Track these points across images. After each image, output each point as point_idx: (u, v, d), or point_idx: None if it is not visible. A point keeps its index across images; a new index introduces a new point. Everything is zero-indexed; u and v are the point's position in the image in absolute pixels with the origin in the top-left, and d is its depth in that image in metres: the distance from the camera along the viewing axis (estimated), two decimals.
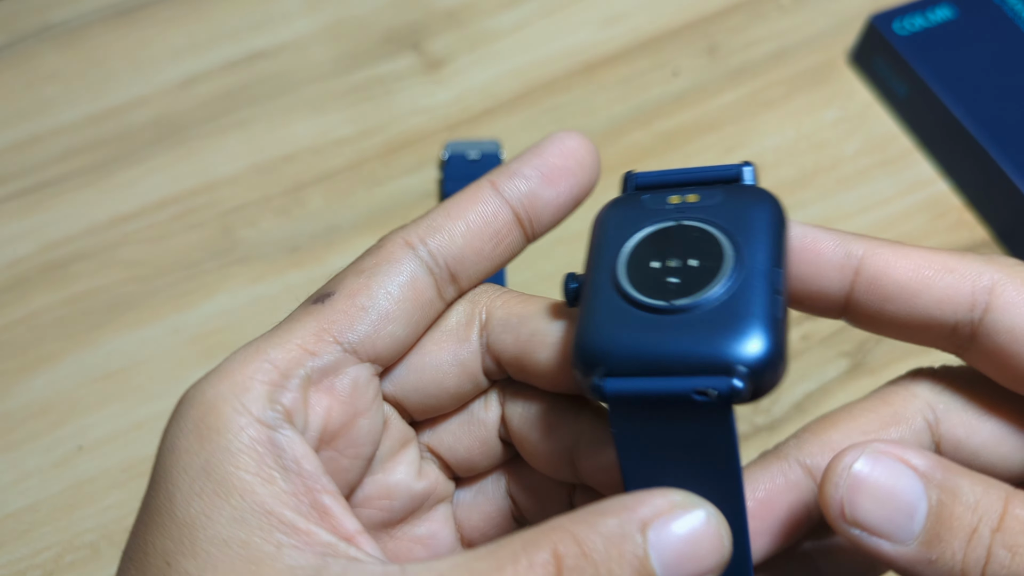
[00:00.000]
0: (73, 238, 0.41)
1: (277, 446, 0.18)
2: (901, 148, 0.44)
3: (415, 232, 0.22)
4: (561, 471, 0.22)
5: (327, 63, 0.46)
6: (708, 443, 0.18)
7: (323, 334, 0.20)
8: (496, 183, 0.22)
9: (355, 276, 0.21)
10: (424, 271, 0.21)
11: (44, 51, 0.46)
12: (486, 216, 0.22)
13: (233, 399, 0.19)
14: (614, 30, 0.47)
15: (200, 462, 0.18)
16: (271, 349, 0.19)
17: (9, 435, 0.36)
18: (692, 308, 0.18)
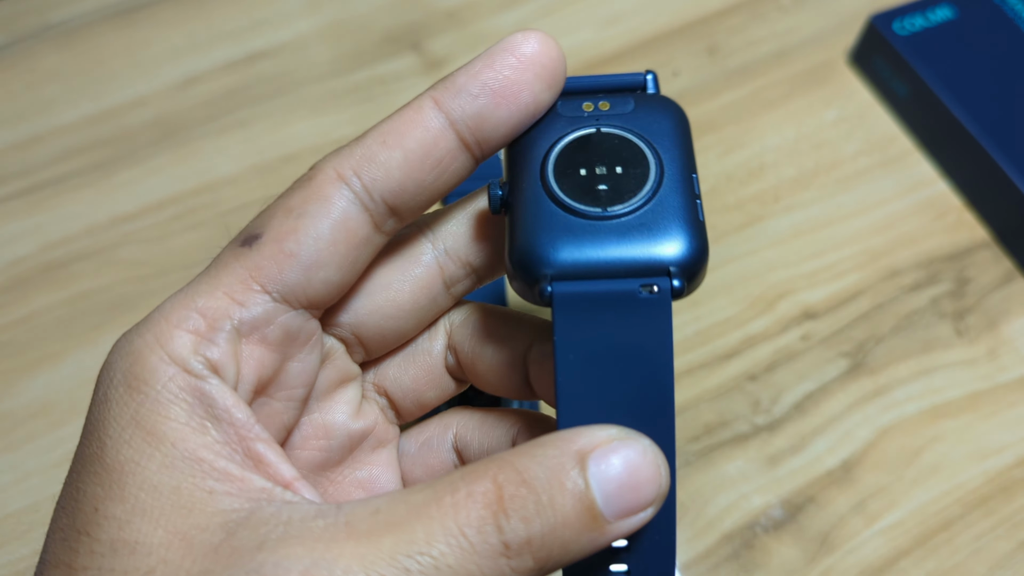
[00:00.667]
0: (73, 238, 0.41)
1: (206, 396, 0.18)
2: (901, 148, 0.44)
3: (348, 162, 0.19)
4: (512, 384, 0.22)
5: (327, 63, 0.46)
6: (647, 344, 0.19)
7: (250, 282, 0.19)
8: (439, 100, 0.19)
9: (283, 216, 0.19)
10: (358, 208, 0.19)
11: (44, 51, 0.46)
12: (426, 143, 0.19)
13: (159, 349, 0.18)
14: (614, 30, 0.47)
15: (130, 412, 0.18)
16: (198, 297, 0.19)
17: (9, 435, 0.36)
18: (625, 214, 0.19)
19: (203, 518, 0.17)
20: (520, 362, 0.22)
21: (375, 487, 0.23)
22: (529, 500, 0.16)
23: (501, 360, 0.22)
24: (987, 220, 0.41)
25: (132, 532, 0.17)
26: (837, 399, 0.37)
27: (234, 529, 0.17)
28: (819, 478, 0.35)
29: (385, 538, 0.16)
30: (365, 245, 0.20)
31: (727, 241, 0.41)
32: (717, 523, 0.34)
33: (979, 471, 0.36)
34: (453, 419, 0.24)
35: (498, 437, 0.23)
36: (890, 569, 0.34)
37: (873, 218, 0.42)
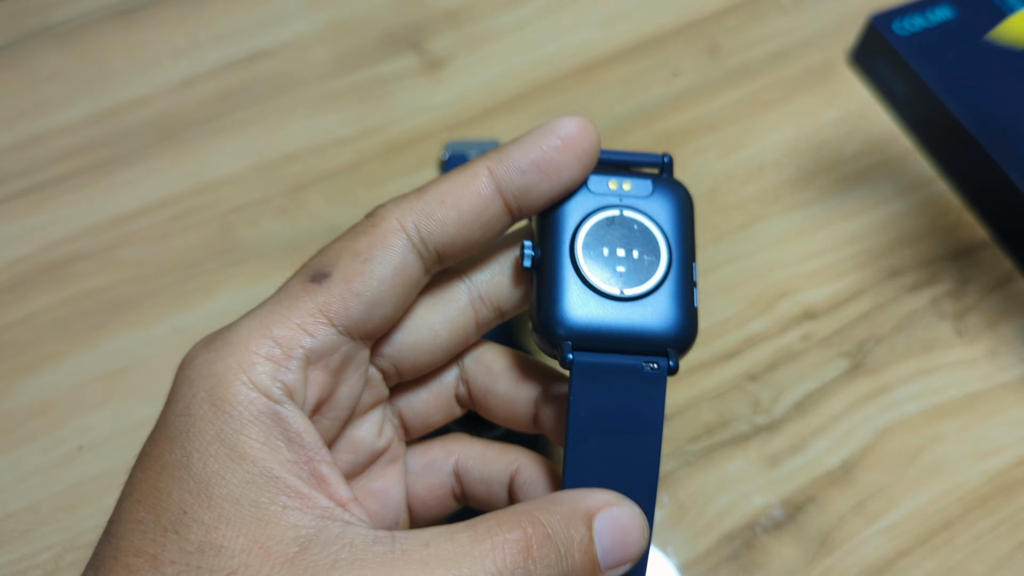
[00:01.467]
0: (73, 238, 0.41)
1: (281, 419, 0.20)
2: (901, 148, 0.44)
3: (409, 215, 0.22)
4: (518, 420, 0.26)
5: (327, 63, 0.46)
6: (644, 411, 0.23)
7: (320, 315, 0.21)
8: (493, 171, 0.22)
9: (351, 258, 0.22)
10: (414, 256, 0.22)
11: (44, 51, 0.46)
12: (479, 207, 0.22)
13: (241, 374, 0.20)
14: (614, 30, 0.47)
15: (214, 429, 0.20)
16: (274, 327, 0.21)
17: (9, 435, 0.36)
18: (637, 297, 0.23)
19: (278, 531, 0.19)
20: (528, 401, 0.25)
21: (386, 498, 0.26)
22: (551, 551, 0.20)
23: (511, 397, 0.25)
24: (987, 220, 0.41)
25: (218, 537, 0.19)
26: (837, 399, 0.37)
27: (306, 544, 0.19)
28: (819, 478, 0.35)
29: (437, 570, 0.19)
30: (416, 286, 0.23)
31: (727, 241, 0.41)
32: (717, 523, 0.34)
33: (979, 471, 0.36)
34: (456, 446, 0.27)
35: (498, 470, 0.26)
36: (890, 569, 0.34)
37: (873, 218, 0.42)
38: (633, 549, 0.21)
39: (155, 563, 0.19)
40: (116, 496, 0.34)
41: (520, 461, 0.26)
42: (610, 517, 0.21)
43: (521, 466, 0.26)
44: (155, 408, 0.36)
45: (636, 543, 0.21)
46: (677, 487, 0.35)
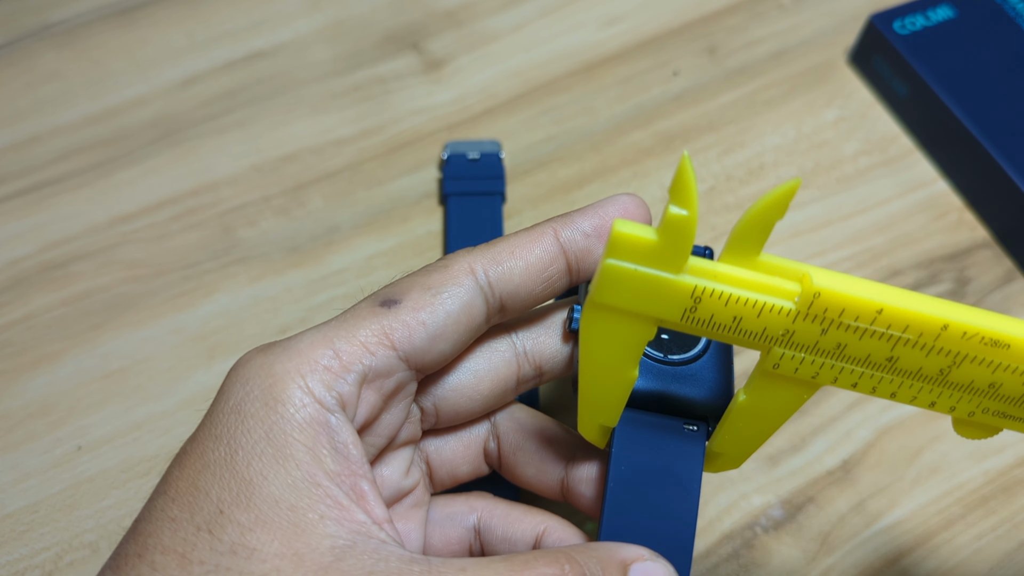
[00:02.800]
0: (73, 238, 0.41)
1: (331, 428, 0.20)
2: (901, 148, 0.44)
3: (480, 260, 0.23)
4: (545, 484, 0.26)
5: (327, 63, 0.46)
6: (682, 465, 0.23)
7: (384, 338, 0.22)
8: (559, 232, 0.24)
9: (421, 291, 0.22)
10: (481, 299, 0.23)
11: (43, 51, 0.46)
12: (544, 261, 0.23)
13: (299, 378, 0.20)
14: (614, 30, 0.47)
15: (264, 428, 0.20)
16: (337, 340, 0.21)
17: (9, 435, 0.36)
18: (680, 363, 0.24)
19: (313, 539, 0.19)
20: (558, 465, 0.26)
21: (405, 541, 0.26)
22: None
23: (542, 458, 0.26)
24: (987, 220, 0.41)
25: (252, 539, 0.19)
26: (837, 399, 0.37)
27: (341, 555, 0.19)
28: (819, 478, 0.35)
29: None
30: (476, 330, 0.24)
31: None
32: (717, 523, 0.34)
33: (979, 471, 0.35)
34: (480, 503, 0.27)
35: (523, 531, 0.26)
36: (890, 569, 0.33)
37: (873, 218, 0.42)
38: None
39: (183, 562, 0.19)
40: (116, 496, 0.34)
41: (548, 523, 0.26)
42: (644, 570, 0.21)
43: (549, 528, 0.26)
44: (155, 408, 0.36)
45: None
46: None
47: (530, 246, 0.23)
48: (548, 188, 0.42)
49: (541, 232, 0.24)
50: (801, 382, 0.21)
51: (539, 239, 0.24)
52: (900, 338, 0.19)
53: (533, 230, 0.24)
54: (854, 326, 0.19)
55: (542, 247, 0.23)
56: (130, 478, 0.35)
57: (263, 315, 0.39)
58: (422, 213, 0.41)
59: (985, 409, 0.21)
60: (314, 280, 0.40)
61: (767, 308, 0.19)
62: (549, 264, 0.24)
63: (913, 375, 0.20)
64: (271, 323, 0.38)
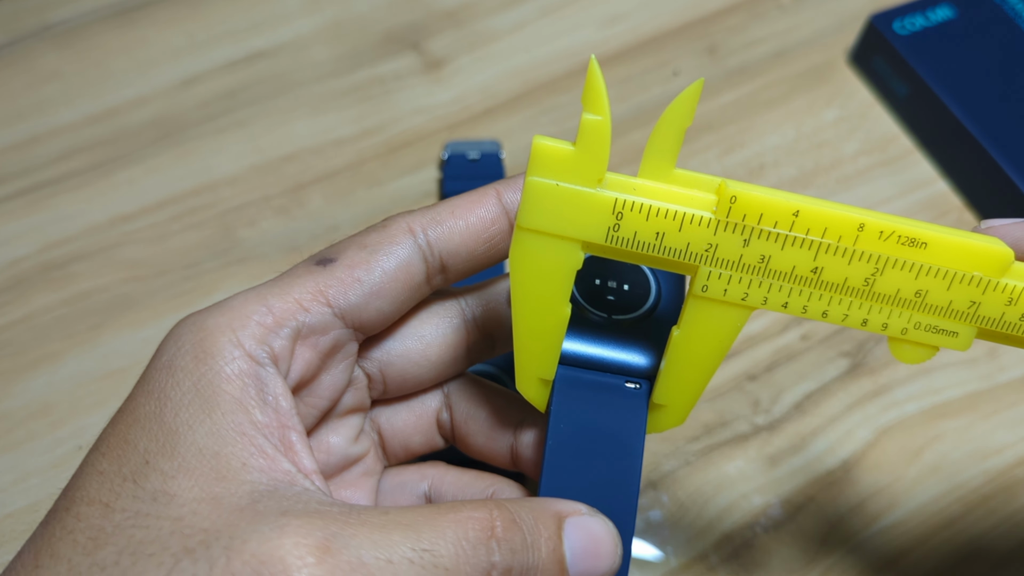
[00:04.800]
0: (73, 238, 0.41)
1: (261, 380, 0.21)
2: (901, 148, 0.44)
3: (419, 220, 0.23)
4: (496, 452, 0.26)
5: (327, 63, 0.46)
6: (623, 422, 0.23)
7: (319, 295, 0.22)
8: (501, 193, 0.24)
9: (357, 249, 0.23)
10: (419, 257, 0.23)
11: (43, 51, 0.46)
12: (485, 221, 0.23)
13: (230, 332, 0.21)
14: (614, 30, 0.47)
15: (192, 380, 0.20)
16: (271, 297, 0.22)
17: (9, 435, 0.36)
18: (623, 324, 0.24)
19: (233, 485, 0.19)
20: (506, 434, 0.26)
21: None
22: (516, 537, 0.20)
23: (492, 426, 0.26)
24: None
25: (173, 486, 0.19)
26: (837, 399, 0.37)
27: (258, 498, 0.19)
28: (819, 478, 0.35)
29: (395, 533, 0.19)
30: (416, 290, 0.23)
31: None
32: (717, 523, 0.34)
33: (979, 471, 0.35)
34: (431, 471, 0.27)
35: (473, 495, 0.26)
36: (890, 569, 0.33)
37: None
38: (604, 563, 0.21)
39: (106, 511, 0.19)
40: None
41: (496, 485, 0.26)
42: (582, 523, 0.21)
43: (497, 491, 0.26)
44: None
45: (608, 557, 0.21)
46: (677, 487, 0.35)
47: (471, 207, 0.23)
48: None
49: (483, 193, 0.24)
50: (732, 305, 0.21)
51: (481, 200, 0.23)
52: (821, 244, 0.19)
53: (475, 192, 0.24)
54: (774, 233, 0.19)
55: (484, 208, 0.23)
56: None
57: None
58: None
59: (917, 324, 0.21)
60: None
61: (688, 219, 0.19)
62: (491, 224, 0.23)
63: (840, 288, 0.20)
64: None
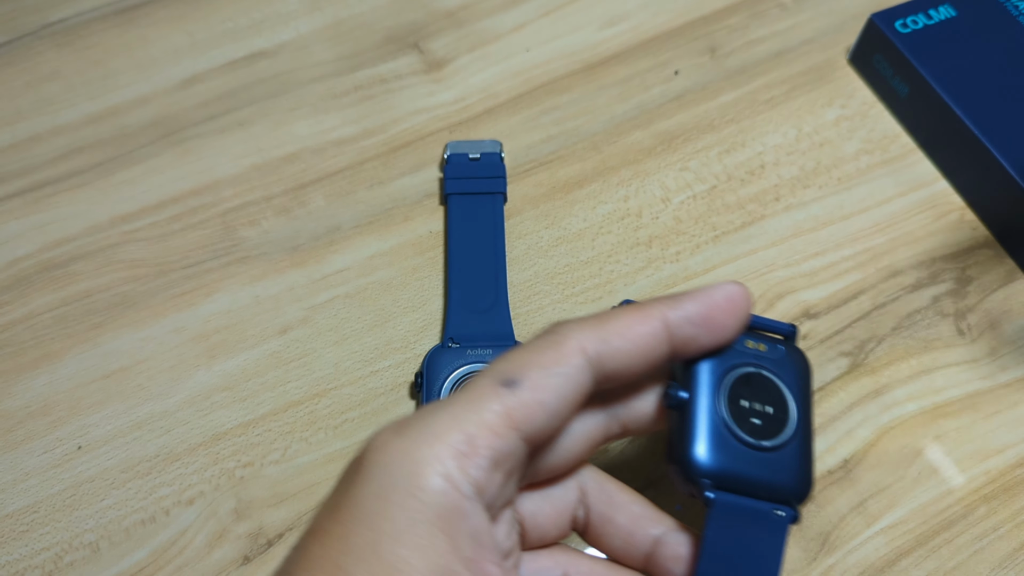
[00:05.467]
0: (73, 238, 0.41)
1: (467, 515, 0.21)
2: (902, 147, 0.44)
3: (590, 339, 0.24)
4: (631, 556, 0.27)
5: (327, 63, 0.46)
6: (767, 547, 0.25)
7: (508, 420, 0.22)
8: (668, 318, 0.25)
9: (539, 370, 0.23)
10: (590, 378, 0.24)
11: (43, 50, 0.46)
12: (651, 345, 0.24)
13: (439, 465, 0.21)
14: (614, 30, 0.47)
15: (408, 515, 0.21)
16: (467, 425, 0.22)
17: (9, 435, 0.36)
18: (770, 449, 0.25)
19: None
20: (646, 539, 0.26)
21: None
22: None
23: (631, 531, 0.27)
24: (988, 219, 0.41)
25: None
26: (838, 398, 0.37)
27: None
28: (819, 478, 0.35)
29: None
30: (581, 405, 0.25)
31: (727, 241, 0.41)
32: None
33: (980, 471, 0.35)
34: (564, 557, 0.27)
35: None
36: (891, 569, 0.33)
37: (874, 217, 0.42)
38: None
39: None
40: (116, 496, 0.34)
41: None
42: None
43: None
44: (155, 408, 0.36)
45: None
46: None
47: (640, 329, 0.24)
48: (548, 188, 0.42)
49: (649, 315, 0.24)
50: None
51: (647, 321, 0.24)
52: None
53: (643, 311, 0.25)
54: None
55: (650, 330, 0.24)
56: (130, 478, 0.35)
57: (264, 315, 0.39)
58: (423, 213, 0.41)
59: None
60: (315, 280, 0.40)
61: None
62: (655, 348, 0.24)
63: None
64: (272, 323, 0.38)
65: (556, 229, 0.41)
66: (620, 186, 0.42)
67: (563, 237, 0.41)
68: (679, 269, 0.40)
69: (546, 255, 0.40)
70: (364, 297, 0.39)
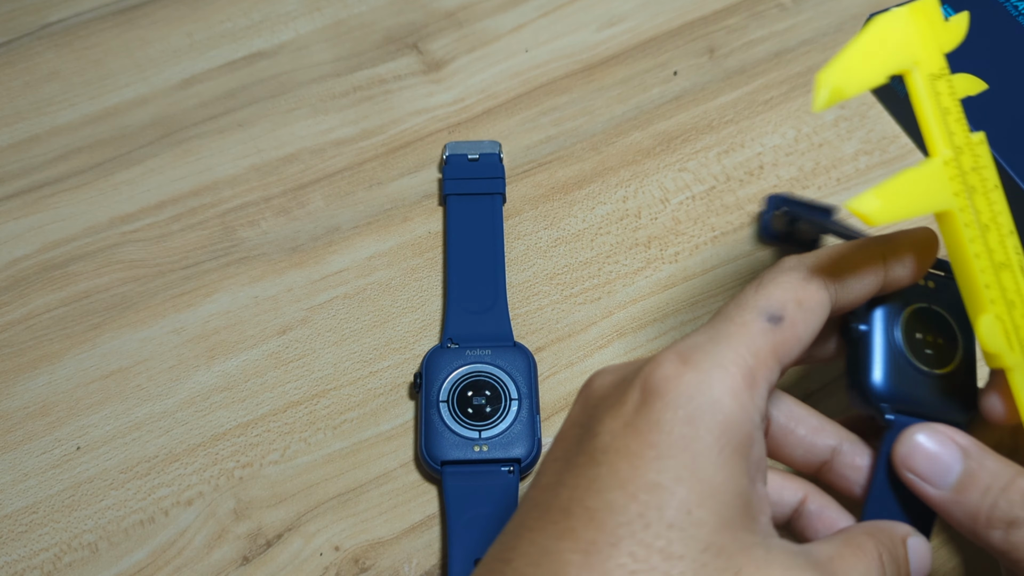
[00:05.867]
0: (73, 238, 0.41)
1: (756, 443, 0.23)
2: (901, 148, 0.44)
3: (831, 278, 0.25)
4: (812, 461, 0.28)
5: (327, 63, 0.46)
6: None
7: (775, 353, 0.24)
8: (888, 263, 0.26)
9: (797, 307, 0.24)
10: (828, 315, 0.25)
11: (42, 50, 0.46)
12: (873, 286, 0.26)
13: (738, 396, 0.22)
14: (613, 30, 0.47)
15: (717, 442, 0.22)
16: (748, 358, 0.23)
17: (8, 435, 0.36)
18: (941, 376, 0.27)
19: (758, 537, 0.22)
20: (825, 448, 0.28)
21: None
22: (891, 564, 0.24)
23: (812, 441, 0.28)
24: None
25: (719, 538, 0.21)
26: (837, 399, 0.37)
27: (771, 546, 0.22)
28: None
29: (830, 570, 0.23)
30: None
31: (727, 241, 0.41)
32: None
33: None
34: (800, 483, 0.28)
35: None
36: None
37: None
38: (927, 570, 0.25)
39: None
40: (115, 496, 0.34)
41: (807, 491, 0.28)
42: (915, 543, 0.25)
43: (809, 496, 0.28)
44: (154, 408, 0.36)
45: (928, 569, 0.25)
46: None
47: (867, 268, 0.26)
48: (548, 188, 0.42)
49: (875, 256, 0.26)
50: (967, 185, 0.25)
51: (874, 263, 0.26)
52: None
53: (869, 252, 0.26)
54: None
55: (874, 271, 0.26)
56: (130, 478, 0.35)
57: (263, 315, 0.39)
58: (422, 213, 0.41)
59: None
60: (315, 280, 0.40)
61: None
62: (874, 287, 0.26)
63: None
64: (271, 323, 0.38)
65: (555, 230, 0.41)
66: (619, 187, 0.42)
67: (562, 238, 0.41)
68: (678, 270, 0.40)
69: (545, 256, 0.41)
70: (363, 298, 0.39)
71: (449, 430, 0.35)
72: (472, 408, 0.35)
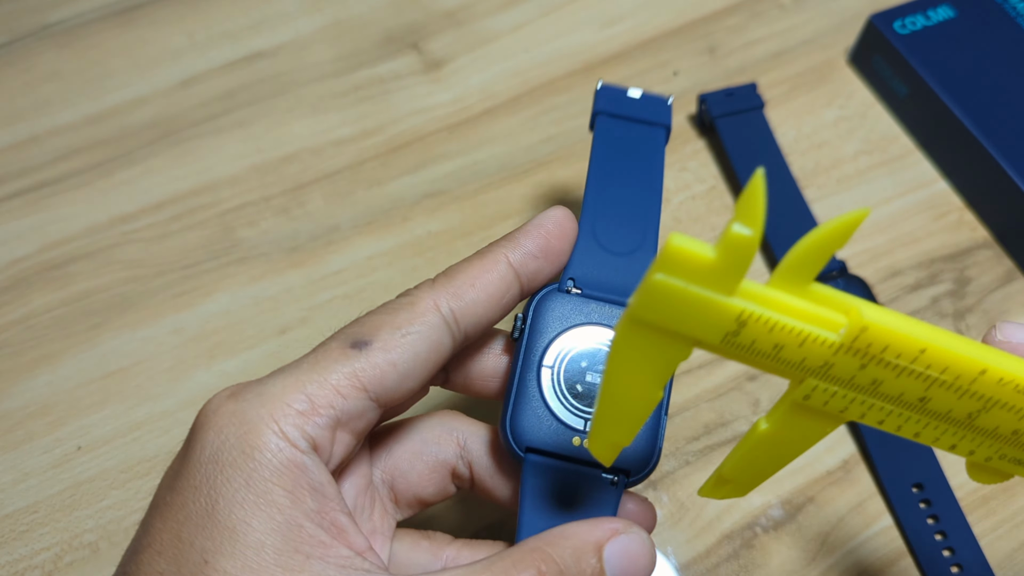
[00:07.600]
0: (73, 238, 0.41)
1: (306, 469, 0.21)
2: (901, 148, 0.44)
3: (443, 295, 0.24)
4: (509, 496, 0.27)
5: (327, 63, 0.46)
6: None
7: (355, 380, 0.22)
8: (510, 258, 0.25)
9: (391, 330, 0.23)
10: (448, 335, 0.24)
11: (42, 50, 0.46)
12: (501, 289, 0.25)
13: (272, 423, 0.21)
14: (614, 30, 0.47)
15: (243, 476, 0.20)
16: (308, 384, 0.22)
17: (9, 435, 0.36)
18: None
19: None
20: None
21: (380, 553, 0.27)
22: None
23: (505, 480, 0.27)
24: (987, 220, 0.41)
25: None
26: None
27: None
28: (819, 478, 0.35)
29: None
30: (441, 362, 0.24)
31: None
32: (717, 523, 0.34)
33: None
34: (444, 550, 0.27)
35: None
36: (890, 569, 0.33)
37: (873, 218, 0.42)
38: (642, 573, 0.23)
39: None
40: (116, 496, 0.34)
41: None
42: (619, 545, 0.23)
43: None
44: (154, 408, 0.36)
45: (645, 568, 0.23)
46: (677, 487, 0.35)
47: (488, 276, 0.24)
48: (548, 188, 0.42)
49: (495, 259, 0.25)
50: (828, 415, 0.20)
51: (494, 267, 0.25)
52: (936, 379, 0.19)
53: (485, 257, 0.25)
54: (894, 363, 0.19)
55: (498, 275, 0.25)
56: (130, 478, 0.35)
57: (263, 315, 0.39)
58: (422, 213, 0.41)
59: (1003, 455, 0.21)
60: (314, 280, 0.40)
61: (811, 338, 0.19)
62: (506, 291, 0.25)
63: (941, 417, 0.20)
64: (271, 323, 0.38)
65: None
66: None
67: None
68: None
69: None
70: (363, 298, 0.39)
71: (546, 407, 0.26)
72: (582, 387, 0.26)
